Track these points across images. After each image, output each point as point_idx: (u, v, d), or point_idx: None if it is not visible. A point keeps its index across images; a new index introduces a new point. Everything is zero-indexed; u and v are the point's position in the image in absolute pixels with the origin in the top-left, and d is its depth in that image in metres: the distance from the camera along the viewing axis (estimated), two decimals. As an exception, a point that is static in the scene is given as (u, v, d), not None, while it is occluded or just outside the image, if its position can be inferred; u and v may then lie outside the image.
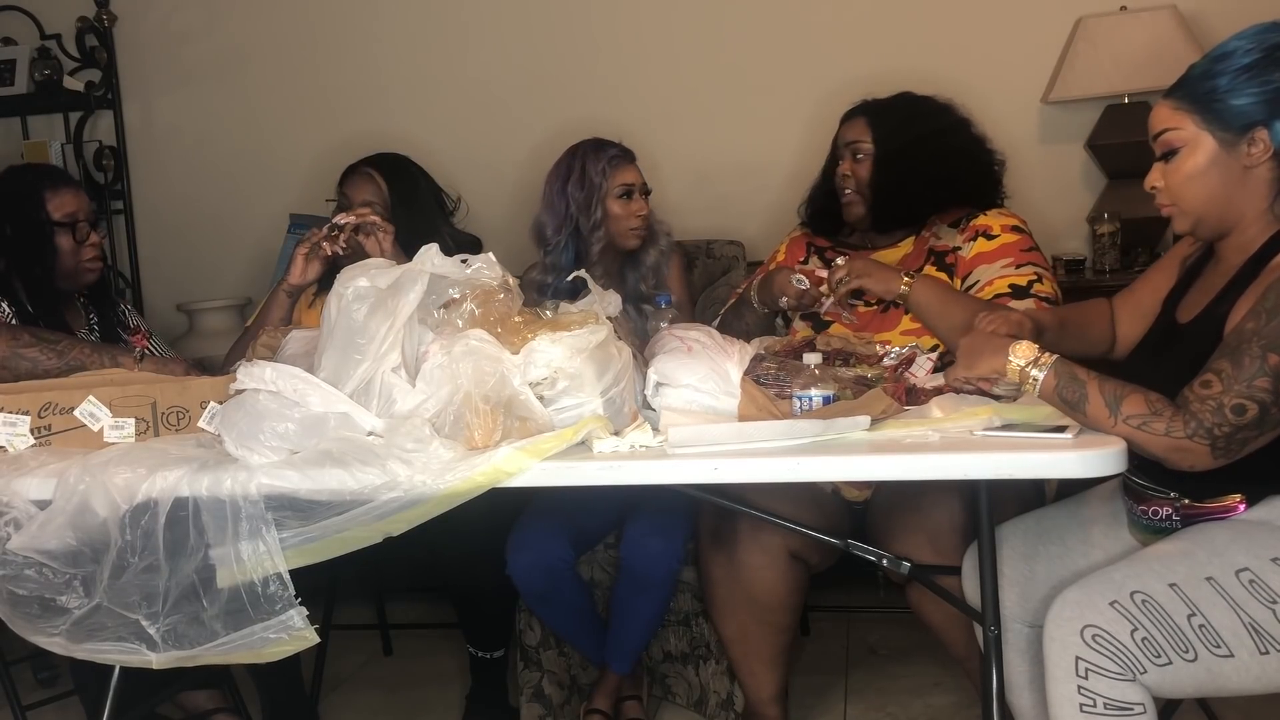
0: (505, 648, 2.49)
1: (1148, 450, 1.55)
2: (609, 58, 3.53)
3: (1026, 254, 2.25)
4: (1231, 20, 2.92)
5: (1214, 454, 1.51)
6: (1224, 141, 1.61)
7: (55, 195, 2.43)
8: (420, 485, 1.55)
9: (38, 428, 1.80)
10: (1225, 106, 1.60)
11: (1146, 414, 1.53)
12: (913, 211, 2.34)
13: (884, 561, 1.78)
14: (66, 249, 2.42)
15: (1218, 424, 1.50)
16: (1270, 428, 1.52)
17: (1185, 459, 1.53)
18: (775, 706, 2.30)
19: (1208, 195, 1.64)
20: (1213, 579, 1.53)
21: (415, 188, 2.61)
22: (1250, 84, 1.58)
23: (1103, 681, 1.49)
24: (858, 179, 2.34)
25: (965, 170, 2.35)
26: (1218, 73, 1.61)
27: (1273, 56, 1.58)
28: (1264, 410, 1.49)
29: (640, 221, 2.58)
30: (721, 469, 1.57)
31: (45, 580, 1.66)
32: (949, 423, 1.64)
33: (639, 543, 2.27)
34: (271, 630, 1.60)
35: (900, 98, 2.41)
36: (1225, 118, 1.60)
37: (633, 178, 2.59)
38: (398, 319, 1.67)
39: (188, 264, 3.84)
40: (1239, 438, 1.51)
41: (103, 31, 3.76)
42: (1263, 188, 1.62)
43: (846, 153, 2.36)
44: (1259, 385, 1.49)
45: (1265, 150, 1.59)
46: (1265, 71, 1.58)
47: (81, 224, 2.44)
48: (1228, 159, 1.61)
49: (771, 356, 1.87)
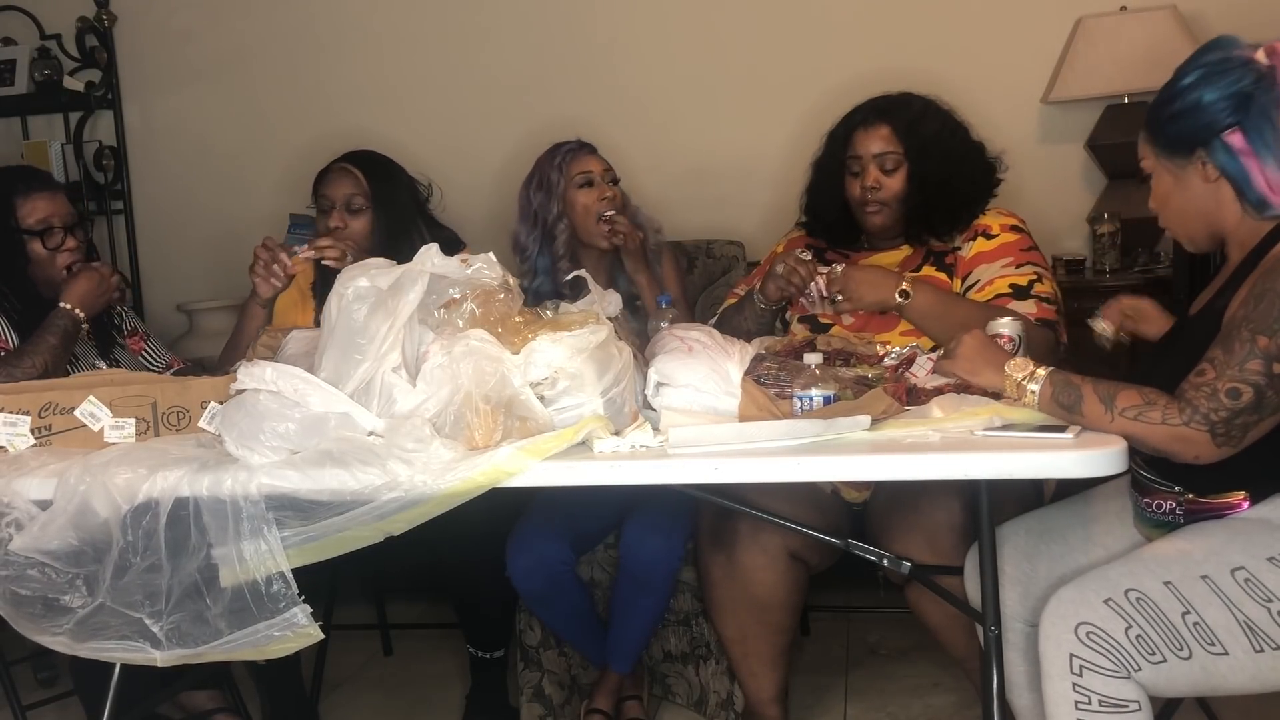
0: (505, 648, 2.49)
1: (1149, 443, 1.55)
2: (608, 56, 3.53)
3: (1026, 253, 2.26)
4: (1232, 20, 2.94)
5: (1215, 440, 1.52)
6: (1177, 167, 1.66)
7: (26, 201, 2.35)
8: (421, 485, 1.55)
9: (38, 428, 1.81)
10: (1167, 136, 1.65)
11: (1141, 404, 1.54)
12: (953, 221, 2.31)
13: (884, 561, 1.78)
14: (41, 256, 2.35)
15: (1214, 409, 1.51)
16: (1269, 411, 1.52)
17: (1188, 449, 1.53)
18: (775, 706, 2.30)
19: (1182, 215, 1.70)
20: (1208, 577, 1.53)
21: (393, 183, 2.61)
22: (1188, 107, 1.61)
23: (1097, 679, 1.50)
24: (889, 191, 2.28)
25: (983, 177, 2.34)
26: (1166, 100, 1.65)
27: (1206, 75, 1.61)
28: (1259, 393, 1.50)
29: (607, 205, 2.53)
30: (722, 469, 1.57)
31: (48, 580, 1.66)
32: (949, 423, 1.64)
33: (639, 541, 2.27)
34: (275, 628, 1.61)
35: (915, 101, 2.36)
36: (1171, 145, 1.65)
37: (590, 166, 2.57)
38: (398, 319, 1.67)
39: (188, 264, 3.85)
40: (1238, 423, 1.51)
41: (103, 31, 3.77)
42: (1231, 201, 1.64)
43: (872, 164, 2.29)
44: (1251, 368, 1.50)
45: (1214, 169, 1.63)
46: (1198, 90, 1.61)
47: (55, 230, 2.36)
48: (1188, 180, 1.66)
49: (772, 356, 1.88)
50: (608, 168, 2.60)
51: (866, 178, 2.29)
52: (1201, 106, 1.60)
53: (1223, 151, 1.60)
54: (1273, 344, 1.50)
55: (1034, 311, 2.16)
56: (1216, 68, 1.60)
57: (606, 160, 2.62)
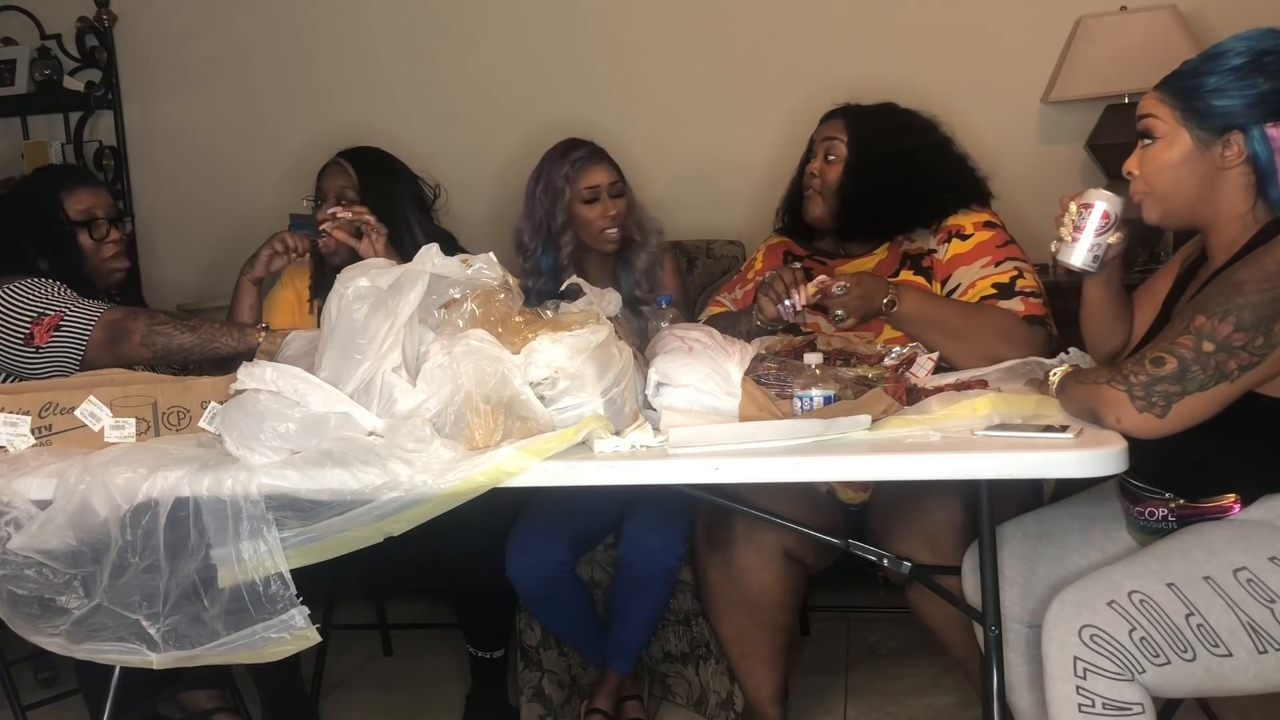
0: (505, 648, 2.49)
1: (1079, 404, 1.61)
2: (609, 56, 3.53)
3: (1003, 249, 2.23)
4: (1231, 20, 2.93)
5: (1134, 403, 1.53)
6: (1200, 140, 1.63)
7: (71, 193, 2.42)
8: (421, 485, 1.55)
9: (38, 428, 1.80)
10: (1206, 106, 1.62)
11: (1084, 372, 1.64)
12: (877, 227, 2.30)
13: (884, 561, 1.78)
14: (87, 247, 2.42)
15: (1134, 371, 1.54)
16: (1194, 387, 1.53)
17: (1109, 409, 1.55)
18: (775, 706, 2.30)
19: (1177, 189, 1.67)
20: (1210, 578, 1.53)
21: (387, 180, 2.63)
22: (1234, 87, 1.59)
23: (1101, 681, 1.49)
24: (824, 180, 2.30)
25: (938, 192, 2.28)
26: (1206, 71, 1.62)
27: (1260, 62, 1.59)
28: (1183, 365, 1.52)
29: (610, 222, 2.54)
30: (722, 469, 1.57)
31: (45, 580, 1.66)
32: (948, 419, 1.64)
33: (638, 540, 2.27)
34: (273, 630, 1.60)
35: (884, 107, 2.36)
36: (1204, 117, 1.62)
37: (599, 179, 2.54)
38: (398, 319, 1.67)
39: (188, 264, 3.85)
40: (1158, 389, 1.52)
41: (103, 31, 3.76)
42: (1238, 192, 1.63)
43: (819, 150, 2.32)
44: (1181, 342, 1.53)
45: (1238, 154, 1.61)
46: (1250, 76, 1.59)
47: (100, 221, 2.43)
48: (1201, 158, 1.63)
49: (772, 356, 1.88)
50: (616, 179, 2.57)
51: (812, 165, 2.32)
52: (1256, 91, 1.58)
53: (1260, 140, 1.59)
54: (1208, 323, 1.52)
55: (1021, 309, 2.14)
56: (1275, 56, 1.58)
57: (616, 167, 2.59)
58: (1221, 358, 1.51)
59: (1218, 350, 1.51)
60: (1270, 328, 1.50)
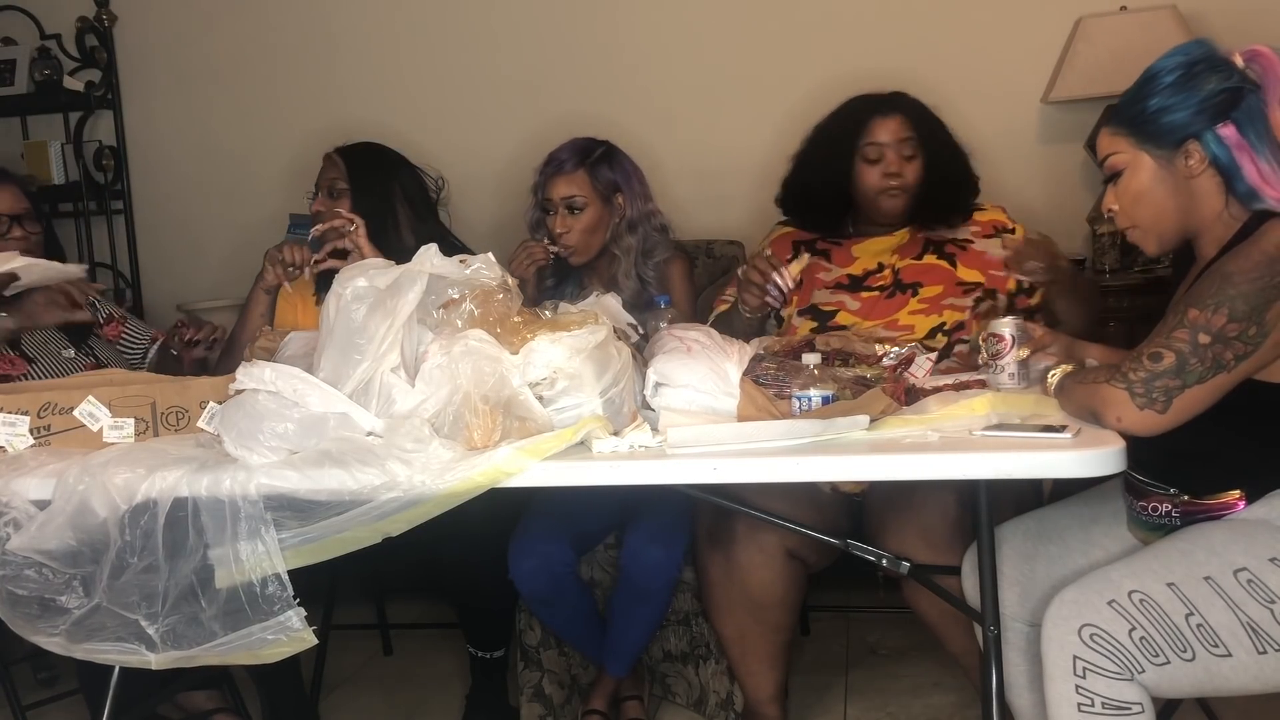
0: (505, 648, 2.49)
1: (1080, 404, 1.63)
2: (611, 56, 3.52)
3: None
4: (1231, 20, 2.94)
5: (1135, 400, 1.55)
6: (1161, 158, 1.66)
7: None
8: (420, 485, 1.55)
9: (37, 428, 1.80)
10: (1156, 126, 1.66)
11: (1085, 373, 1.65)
12: (953, 208, 2.39)
13: (883, 561, 1.78)
14: None
15: (1133, 369, 1.56)
16: (1194, 380, 1.54)
17: (1109, 408, 1.57)
18: (775, 706, 2.30)
19: (1158, 211, 1.69)
20: (1211, 578, 1.53)
21: (378, 172, 2.61)
22: (1176, 101, 1.63)
23: (1100, 681, 1.49)
24: (910, 177, 2.36)
25: (969, 169, 2.43)
26: (1146, 95, 1.67)
27: (1193, 72, 1.63)
28: (1181, 359, 1.54)
29: (561, 238, 2.51)
30: (721, 469, 1.57)
31: (45, 580, 1.66)
32: (947, 419, 1.64)
33: (639, 552, 2.26)
34: (270, 631, 1.60)
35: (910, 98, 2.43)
36: (1157, 135, 1.66)
37: (555, 193, 2.52)
38: (397, 319, 1.67)
39: (188, 264, 3.85)
40: (1158, 385, 1.54)
41: (103, 31, 3.76)
42: (1211, 195, 1.66)
43: (892, 150, 2.34)
44: (1177, 336, 1.55)
45: (1201, 160, 1.64)
46: (1187, 88, 1.63)
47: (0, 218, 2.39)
48: (1167, 174, 1.67)
49: (771, 356, 1.88)
50: (573, 194, 2.52)
51: (889, 164, 2.35)
52: (1197, 99, 1.62)
53: (1215, 143, 1.62)
54: (1202, 316, 1.54)
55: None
56: (1205, 64, 1.63)
57: (583, 181, 2.52)
58: (1218, 349, 1.53)
59: (1214, 342, 1.53)
60: (1263, 316, 1.53)
